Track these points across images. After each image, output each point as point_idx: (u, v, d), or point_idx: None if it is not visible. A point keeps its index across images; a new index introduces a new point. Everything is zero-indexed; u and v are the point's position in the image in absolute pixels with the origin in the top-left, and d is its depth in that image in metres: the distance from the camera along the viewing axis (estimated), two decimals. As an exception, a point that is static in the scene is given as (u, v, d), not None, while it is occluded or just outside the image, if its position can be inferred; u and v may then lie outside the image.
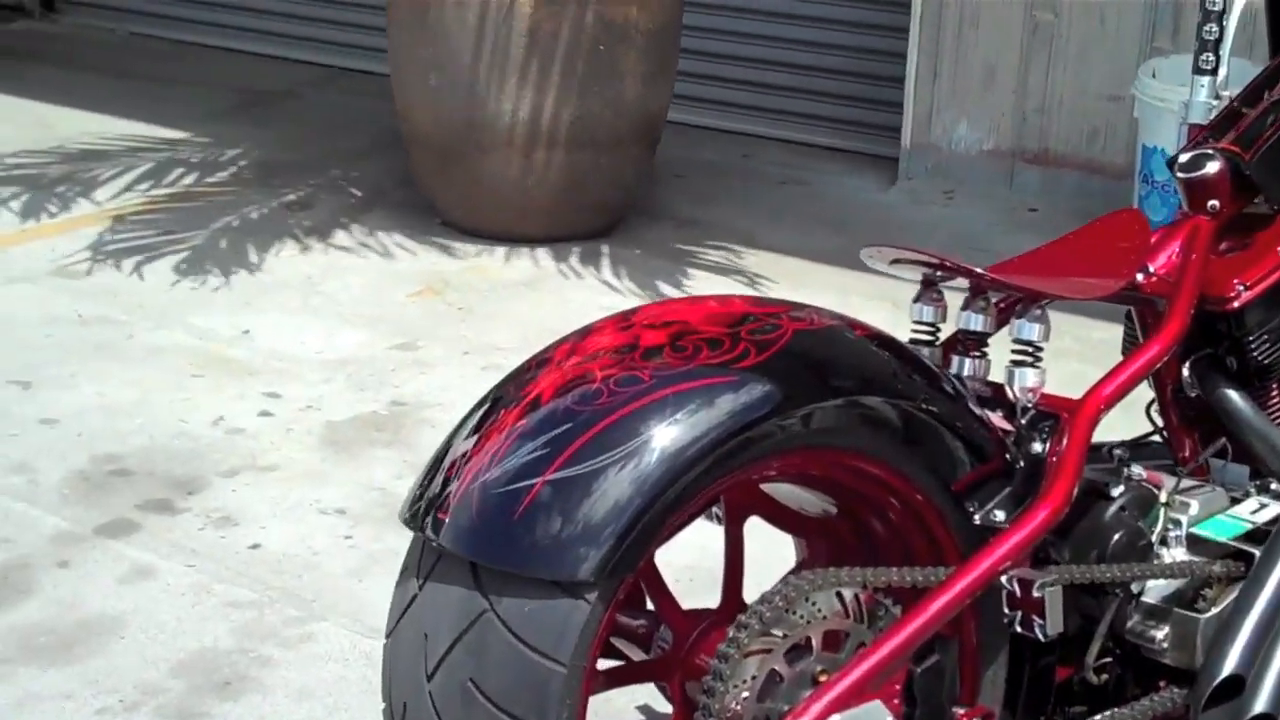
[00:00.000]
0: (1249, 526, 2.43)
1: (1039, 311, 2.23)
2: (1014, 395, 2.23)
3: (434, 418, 4.15)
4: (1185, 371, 2.52)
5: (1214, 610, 2.32)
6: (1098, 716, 2.34)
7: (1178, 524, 2.45)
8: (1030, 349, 2.24)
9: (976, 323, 2.29)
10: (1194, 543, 2.43)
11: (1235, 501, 2.54)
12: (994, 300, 2.29)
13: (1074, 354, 4.25)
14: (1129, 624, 2.35)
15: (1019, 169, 6.22)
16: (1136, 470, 2.44)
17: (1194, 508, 2.47)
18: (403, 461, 3.92)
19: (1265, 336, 2.46)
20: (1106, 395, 2.22)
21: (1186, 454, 2.60)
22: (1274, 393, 2.61)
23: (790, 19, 6.78)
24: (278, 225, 5.61)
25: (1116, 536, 2.30)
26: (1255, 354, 2.45)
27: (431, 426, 4.09)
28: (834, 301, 5.53)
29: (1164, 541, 2.44)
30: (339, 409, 4.22)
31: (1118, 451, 2.67)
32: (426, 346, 4.67)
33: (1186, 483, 2.51)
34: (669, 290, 5.14)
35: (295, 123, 6.91)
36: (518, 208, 5.48)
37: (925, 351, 2.33)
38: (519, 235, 5.51)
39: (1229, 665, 2.19)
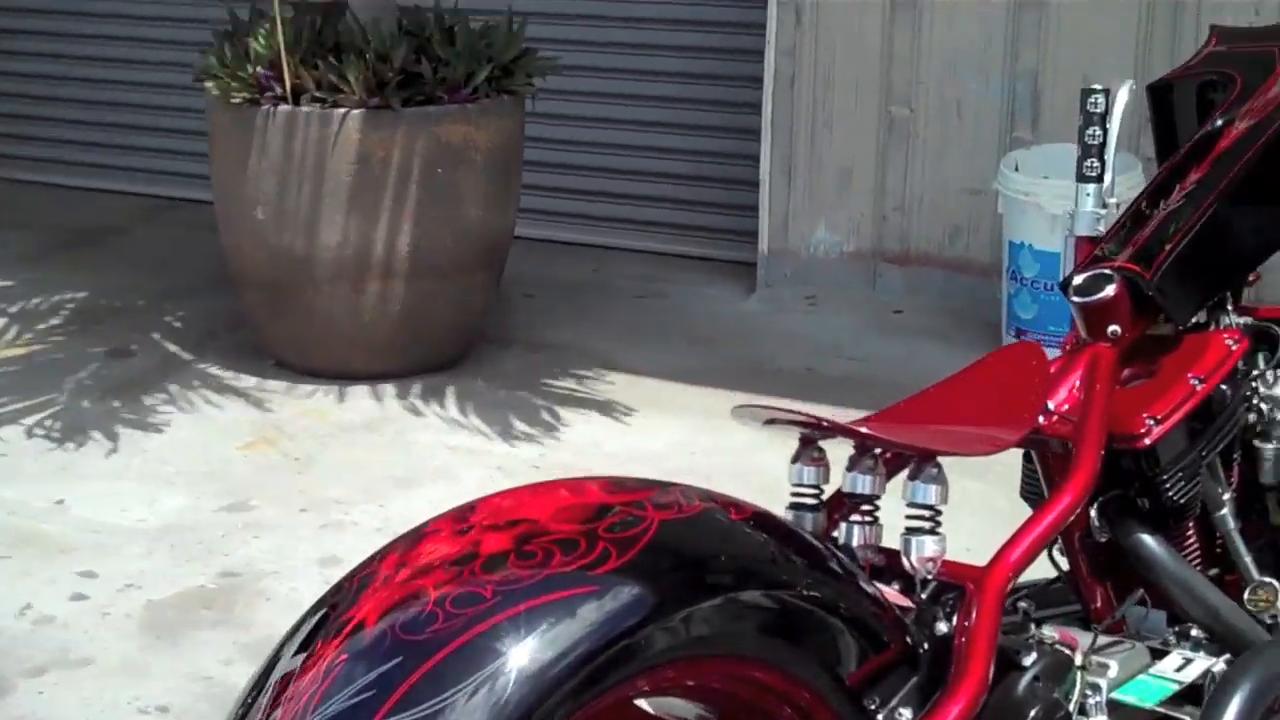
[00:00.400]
0: (1175, 686, 2.20)
1: (934, 470, 2.00)
2: (911, 567, 1.99)
3: (269, 588, 3.81)
4: (1093, 514, 2.30)
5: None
6: None
7: (1097, 689, 2.22)
8: (927, 513, 2.00)
9: (863, 484, 2.04)
10: (1115, 710, 2.20)
11: (1157, 655, 2.33)
12: (881, 455, 2.06)
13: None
14: None
15: (882, 270, 6.05)
16: (1048, 632, 2.21)
17: (1113, 669, 2.23)
18: (233, 644, 3.55)
19: (1180, 474, 2.24)
20: (1015, 561, 1.99)
21: (1099, 604, 2.38)
22: (1190, 534, 2.40)
23: (637, 125, 6.58)
24: (98, 379, 5.24)
25: (1032, 714, 2.07)
26: (1170, 493, 2.24)
27: (266, 599, 3.74)
28: (699, 426, 5.46)
29: (1083, 711, 2.22)
30: (161, 586, 3.84)
31: (1023, 605, 2.45)
32: (259, 505, 4.32)
33: (1103, 639, 2.29)
34: (520, 426, 4.86)
35: (121, 261, 6.50)
36: (355, 343, 5.17)
37: (809, 519, 2.09)
38: (358, 373, 5.18)
39: None
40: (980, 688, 1.87)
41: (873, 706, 1.87)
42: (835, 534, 2.04)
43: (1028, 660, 2.11)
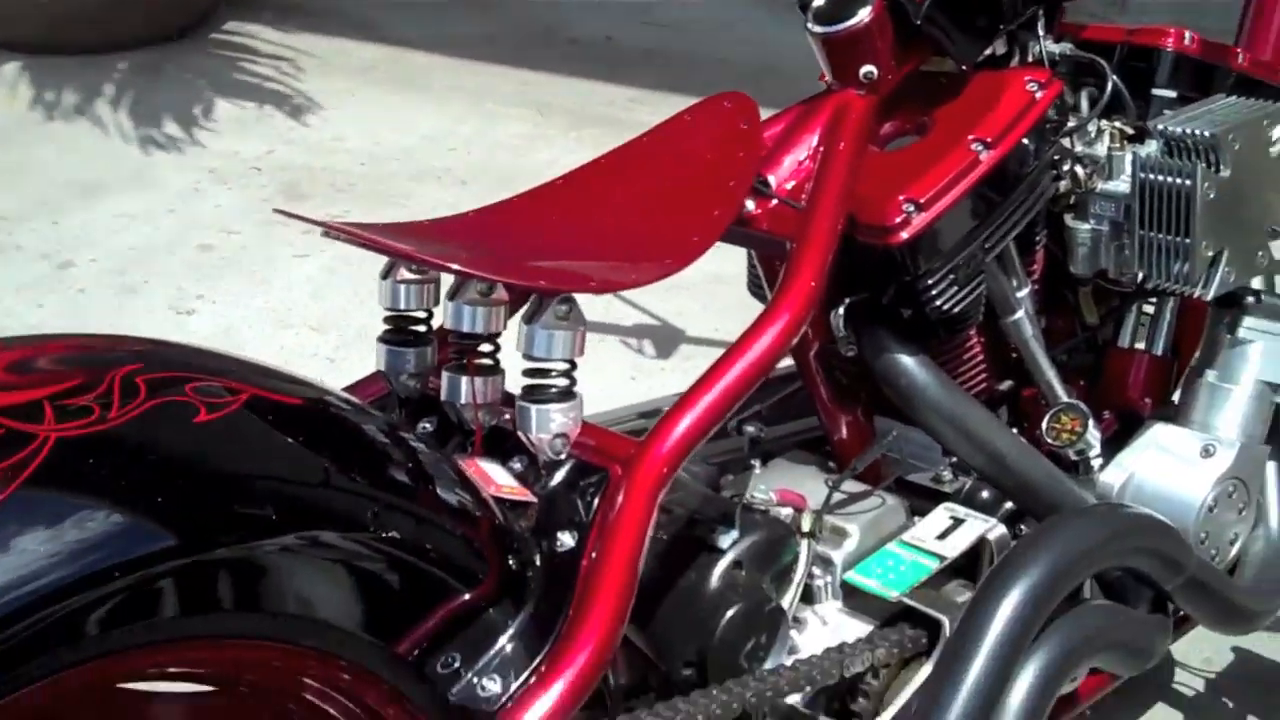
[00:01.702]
0: (937, 563, 1.66)
1: (564, 309, 1.37)
2: (532, 445, 1.39)
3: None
4: (837, 323, 1.71)
5: (882, 721, 1.57)
6: None
7: (829, 566, 1.68)
8: (555, 370, 1.39)
9: (473, 319, 1.43)
10: (854, 596, 1.67)
11: (924, 497, 1.79)
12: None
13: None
14: None
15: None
16: (762, 492, 1.65)
17: (852, 539, 1.70)
18: None
19: (950, 276, 1.64)
20: (687, 432, 1.38)
21: (844, 435, 1.82)
22: (970, 349, 1.82)
23: None
24: None
25: (723, 621, 1.52)
26: (936, 301, 1.65)
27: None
28: (467, 109, 4.74)
29: (809, 597, 1.68)
30: None
31: (751, 429, 1.88)
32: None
33: (845, 491, 1.74)
34: (248, 114, 4.14)
35: None
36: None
37: (410, 358, 1.49)
38: (59, 43, 4.40)
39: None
40: (613, 626, 1.29)
41: (447, 670, 1.29)
42: (442, 389, 1.44)
43: (725, 540, 1.56)
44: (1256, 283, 1.90)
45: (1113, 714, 2.21)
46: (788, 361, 1.75)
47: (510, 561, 1.32)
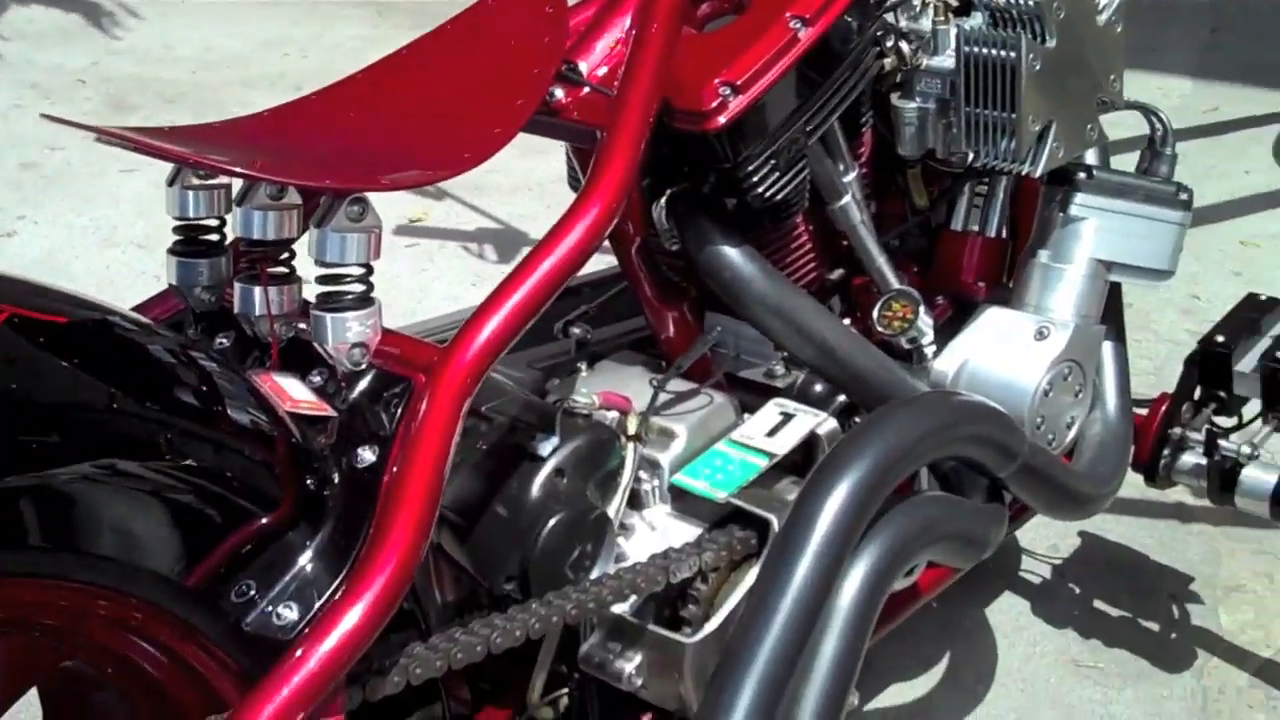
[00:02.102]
0: (766, 460, 1.62)
1: (359, 210, 1.30)
2: (329, 356, 1.32)
3: None
4: (659, 215, 1.66)
5: (711, 626, 1.52)
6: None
7: (655, 469, 1.63)
8: (350, 276, 1.32)
9: (264, 225, 1.35)
10: (684, 499, 1.62)
11: (756, 394, 1.74)
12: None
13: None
14: (583, 647, 1.55)
15: None
16: (585, 395, 1.59)
17: (679, 440, 1.65)
18: None
19: (771, 162, 1.59)
20: (494, 336, 1.32)
21: (671, 333, 1.76)
22: (796, 237, 1.77)
23: None
24: None
25: (545, 531, 1.47)
26: (758, 187, 1.59)
27: None
28: (302, 12, 4.55)
29: (637, 502, 1.63)
30: None
31: (578, 331, 1.82)
32: None
33: (672, 391, 1.68)
34: (69, 22, 3.97)
35: None
36: None
37: (203, 270, 1.41)
38: None
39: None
40: (415, 542, 1.22)
41: (242, 599, 1.22)
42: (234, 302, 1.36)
43: (545, 447, 1.50)
44: (1090, 157, 1.87)
45: (959, 605, 2.20)
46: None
47: (308, 481, 1.25)
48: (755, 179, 1.57)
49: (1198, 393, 1.99)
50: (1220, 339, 1.94)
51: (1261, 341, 1.98)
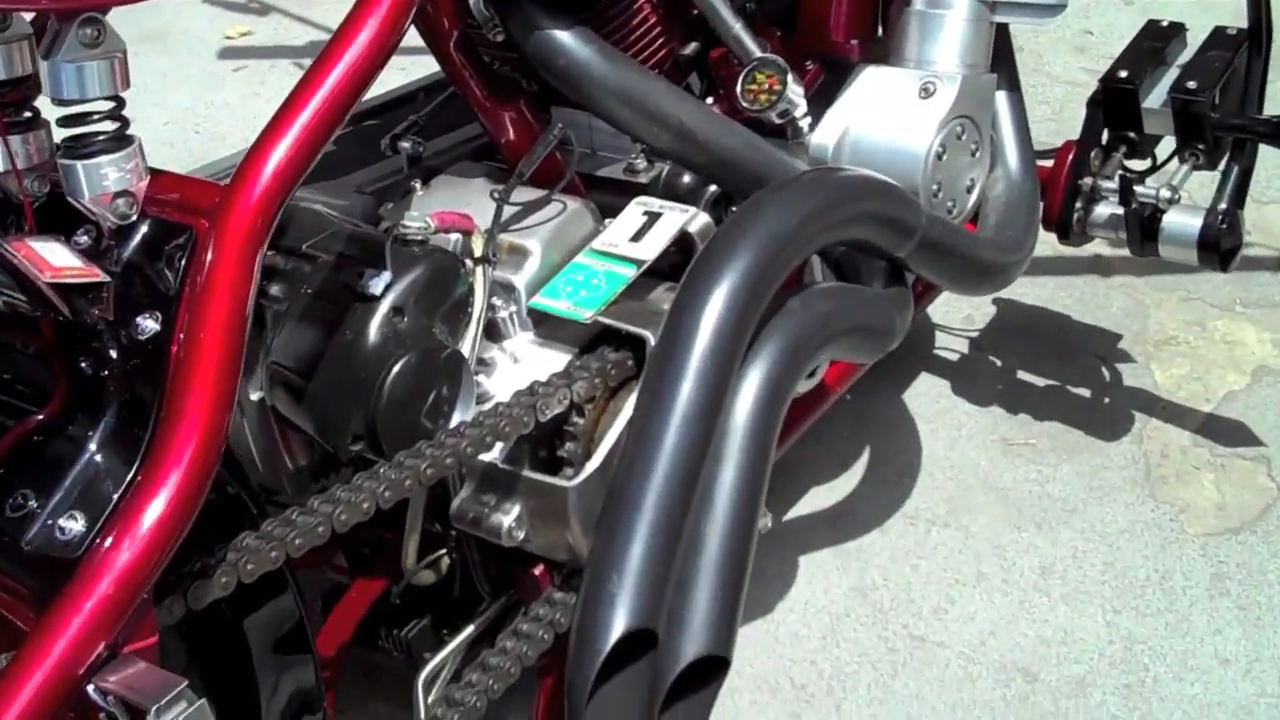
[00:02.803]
0: (632, 270, 1.43)
1: (93, 32, 1.07)
2: (91, 211, 1.11)
3: None
4: (476, 2, 1.46)
5: (593, 464, 1.35)
6: (446, 651, 1.41)
7: (510, 294, 1.45)
8: (97, 114, 1.11)
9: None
10: (545, 324, 1.44)
11: (619, 193, 1.55)
12: None
13: None
14: (454, 504, 1.38)
15: None
16: (417, 219, 1.39)
17: (535, 255, 1.46)
18: None
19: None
20: (283, 165, 1.10)
21: (511, 136, 1.56)
22: (634, 17, 1.56)
23: None
24: None
25: (391, 376, 1.28)
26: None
27: None
28: None
29: (494, 333, 1.45)
30: None
31: (407, 144, 1.62)
32: None
33: (519, 203, 1.49)
34: None
35: None
36: None
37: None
38: None
39: (621, 613, 1.22)
40: (215, 418, 1.03)
41: (19, 513, 1.03)
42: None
43: (377, 285, 1.31)
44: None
45: (873, 395, 2.05)
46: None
47: (82, 364, 1.06)
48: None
49: (1105, 136, 1.82)
50: (1124, 74, 1.77)
51: (1168, 72, 1.80)
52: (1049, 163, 1.83)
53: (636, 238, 1.45)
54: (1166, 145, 1.82)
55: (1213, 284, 2.20)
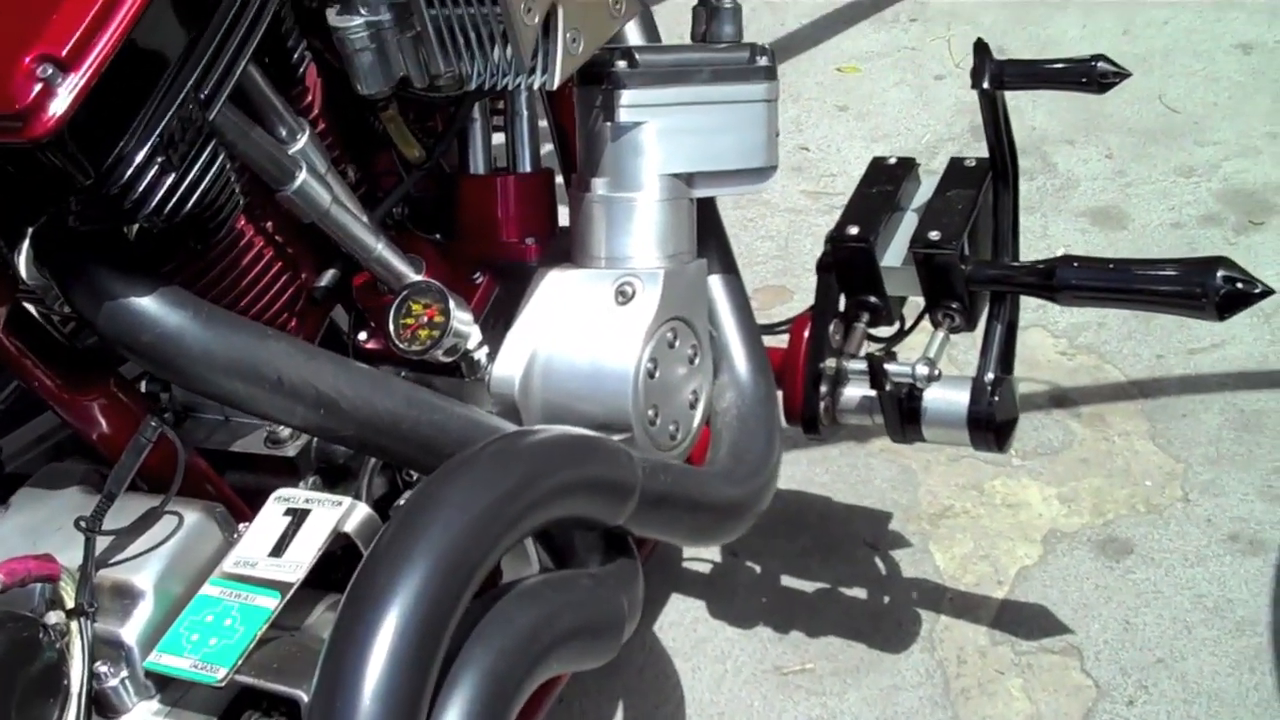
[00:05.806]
0: (276, 599, 1.12)
1: None
2: None
3: None
4: (27, 267, 1.15)
5: None
6: None
7: (121, 655, 1.12)
8: None
9: None
10: (171, 689, 1.12)
11: (267, 472, 1.25)
12: None
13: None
14: None
15: None
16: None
17: (146, 596, 1.14)
18: None
19: (159, 161, 1.07)
20: None
21: (105, 428, 1.24)
22: (243, 258, 1.25)
23: None
24: None
25: None
26: (150, 204, 1.06)
27: None
28: None
29: (106, 707, 1.12)
30: None
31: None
32: None
33: (112, 528, 1.17)
34: None
35: None
36: None
37: None
38: None
39: None
40: None
41: None
42: None
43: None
44: (632, 36, 1.43)
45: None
46: None
47: None
48: (139, 193, 1.06)
49: (842, 304, 1.57)
50: (854, 231, 1.53)
51: (905, 219, 1.57)
52: (782, 342, 1.57)
53: (278, 549, 1.16)
54: (915, 305, 1.58)
55: (982, 433, 1.97)
